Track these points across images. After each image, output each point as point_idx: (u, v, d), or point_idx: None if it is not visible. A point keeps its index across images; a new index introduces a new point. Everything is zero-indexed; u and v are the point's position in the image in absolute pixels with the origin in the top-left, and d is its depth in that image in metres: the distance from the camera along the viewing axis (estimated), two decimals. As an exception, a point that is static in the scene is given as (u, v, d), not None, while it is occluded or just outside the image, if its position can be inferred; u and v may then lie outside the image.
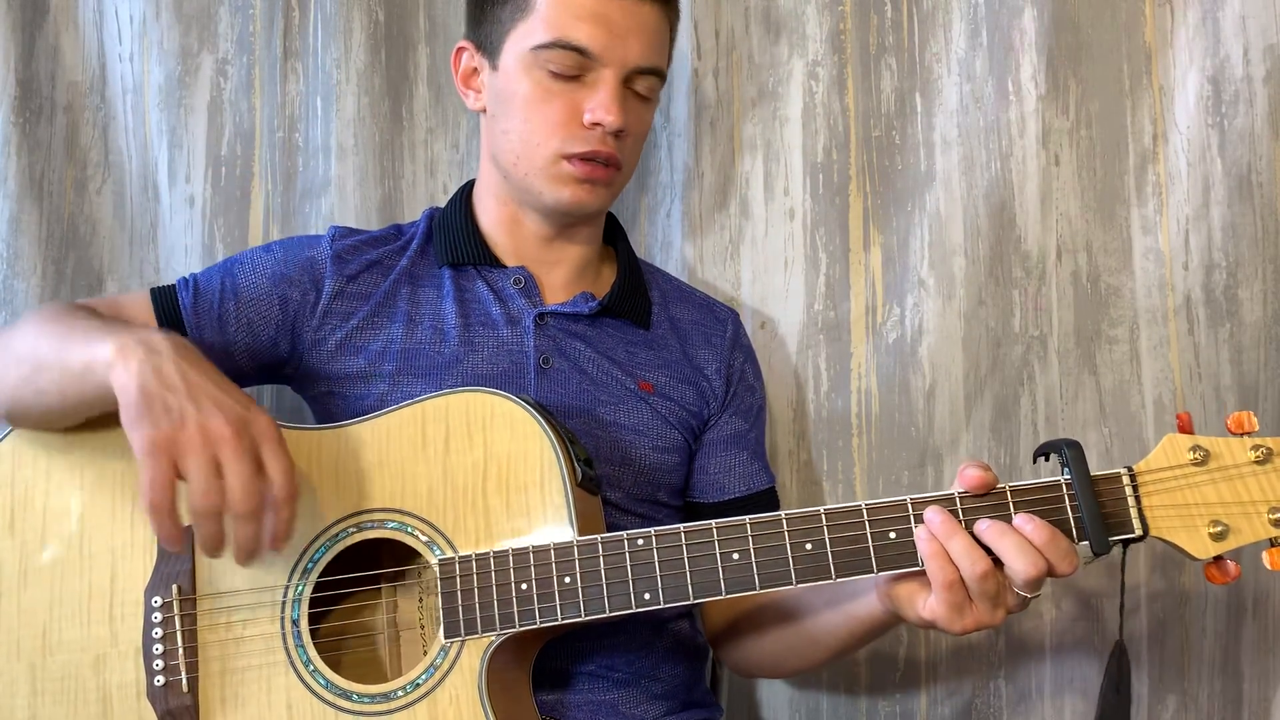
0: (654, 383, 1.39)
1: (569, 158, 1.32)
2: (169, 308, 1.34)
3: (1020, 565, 1.07)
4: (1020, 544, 1.08)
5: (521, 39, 1.33)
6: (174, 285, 1.37)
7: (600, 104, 1.30)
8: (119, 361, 1.08)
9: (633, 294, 1.43)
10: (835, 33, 1.62)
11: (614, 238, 1.49)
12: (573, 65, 1.31)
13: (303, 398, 1.41)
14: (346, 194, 1.64)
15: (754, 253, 1.63)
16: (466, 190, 1.46)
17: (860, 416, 1.59)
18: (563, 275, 1.41)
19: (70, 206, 1.64)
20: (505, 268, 1.39)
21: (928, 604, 1.10)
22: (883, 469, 1.58)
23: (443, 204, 1.48)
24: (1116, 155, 1.58)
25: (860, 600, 1.21)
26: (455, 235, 1.41)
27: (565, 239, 1.41)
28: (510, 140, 1.35)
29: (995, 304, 1.57)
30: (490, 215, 1.42)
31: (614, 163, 1.33)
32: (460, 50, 1.41)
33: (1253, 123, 1.54)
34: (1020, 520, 1.09)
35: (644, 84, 1.34)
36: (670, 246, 1.65)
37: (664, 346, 1.42)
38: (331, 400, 1.35)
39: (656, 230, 1.66)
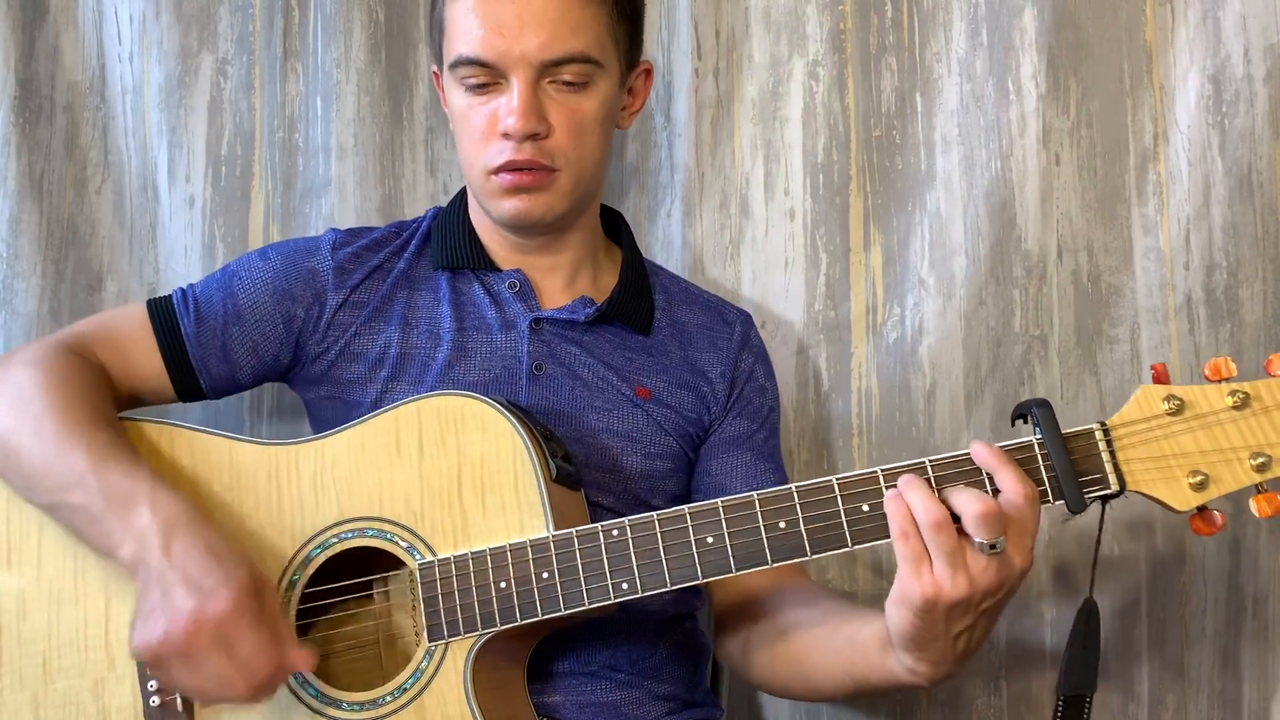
0: (651, 389, 1.37)
1: (494, 171, 1.30)
2: (168, 329, 1.33)
3: (968, 503, 1.04)
4: (968, 488, 1.06)
5: (446, 61, 1.32)
6: (170, 299, 1.35)
7: (506, 110, 1.28)
8: (134, 571, 1.12)
9: (634, 299, 1.40)
10: (835, 33, 1.62)
11: (619, 236, 1.47)
12: (482, 76, 1.29)
13: (301, 398, 1.41)
14: (347, 194, 1.64)
15: (754, 253, 1.63)
16: (465, 192, 1.45)
17: (860, 416, 1.59)
18: (559, 279, 1.40)
19: (70, 206, 1.64)
20: (500, 271, 1.38)
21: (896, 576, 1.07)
22: (883, 469, 1.57)
23: (444, 204, 1.47)
24: (1117, 155, 1.57)
25: (872, 627, 1.18)
26: (452, 238, 1.39)
27: (555, 244, 1.39)
28: (461, 161, 1.36)
29: (995, 304, 1.57)
30: (481, 223, 1.41)
31: (537, 167, 1.29)
32: (436, 75, 1.41)
33: (1253, 122, 1.54)
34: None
35: (569, 72, 1.29)
36: (670, 246, 1.65)
37: (664, 352, 1.40)
38: (330, 405, 1.35)
39: (656, 230, 1.66)
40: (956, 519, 1.05)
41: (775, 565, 1.12)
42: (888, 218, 1.60)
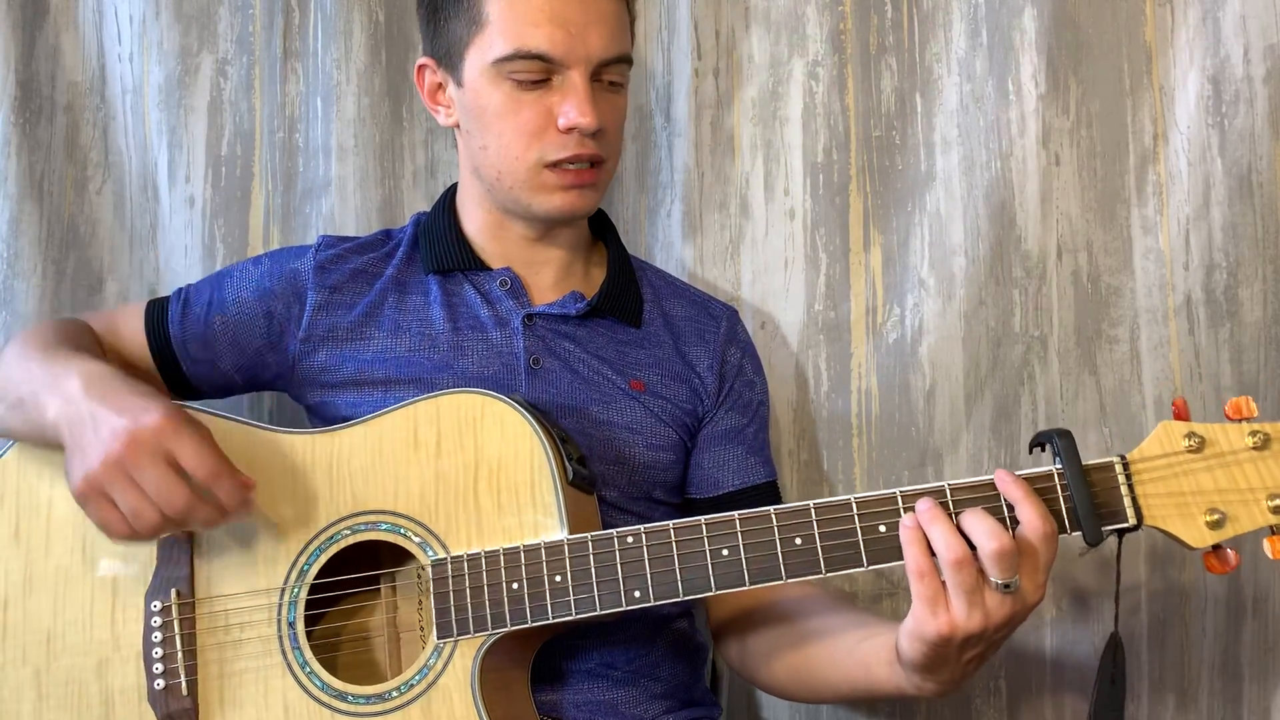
0: (645, 381, 1.38)
1: (551, 166, 1.31)
2: (158, 323, 1.37)
3: (984, 538, 1.04)
4: (987, 519, 1.05)
5: (481, 52, 1.31)
6: (167, 297, 1.40)
7: (573, 107, 1.28)
8: (59, 436, 1.15)
9: (623, 293, 1.42)
10: (835, 33, 1.62)
11: (604, 234, 1.49)
12: (537, 71, 1.29)
13: (300, 404, 1.42)
14: (347, 195, 1.64)
15: (754, 253, 1.63)
16: (450, 195, 1.45)
17: (860, 416, 1.59)
18: (550, 276, 1.41)
19: (70, 206, 1.64)
20: (491, 270, 1.39)
21: (910, 611, 1.08)
22: (883, 469, 1.57)
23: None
24: (1117, 155, 1.57)
25: (876, 640, 1.18)
26: (440, 242, 1.40)
27: (549, 241, 1.40)
28: (489, 155, 1.34)
29: (995, 304, 1.57)
30: (474, 221, 1.41)
31: (597, 161, 1.32)
32: (421, 68, 1.40)
33: (1253, 122, 1.54)
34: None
35: (614, 73, 1.32)
36: (670, 246, 1.65)
37: (656, 344, 1.41)
38: (326, 409, 1.36)
39: (656, 230, 1.66)
40: (972, 545, 1.05)
41: (788, 581, 1.12)
42: (887, 218, 1.61)
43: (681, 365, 1.41)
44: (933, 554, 1.06)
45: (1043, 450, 1.14)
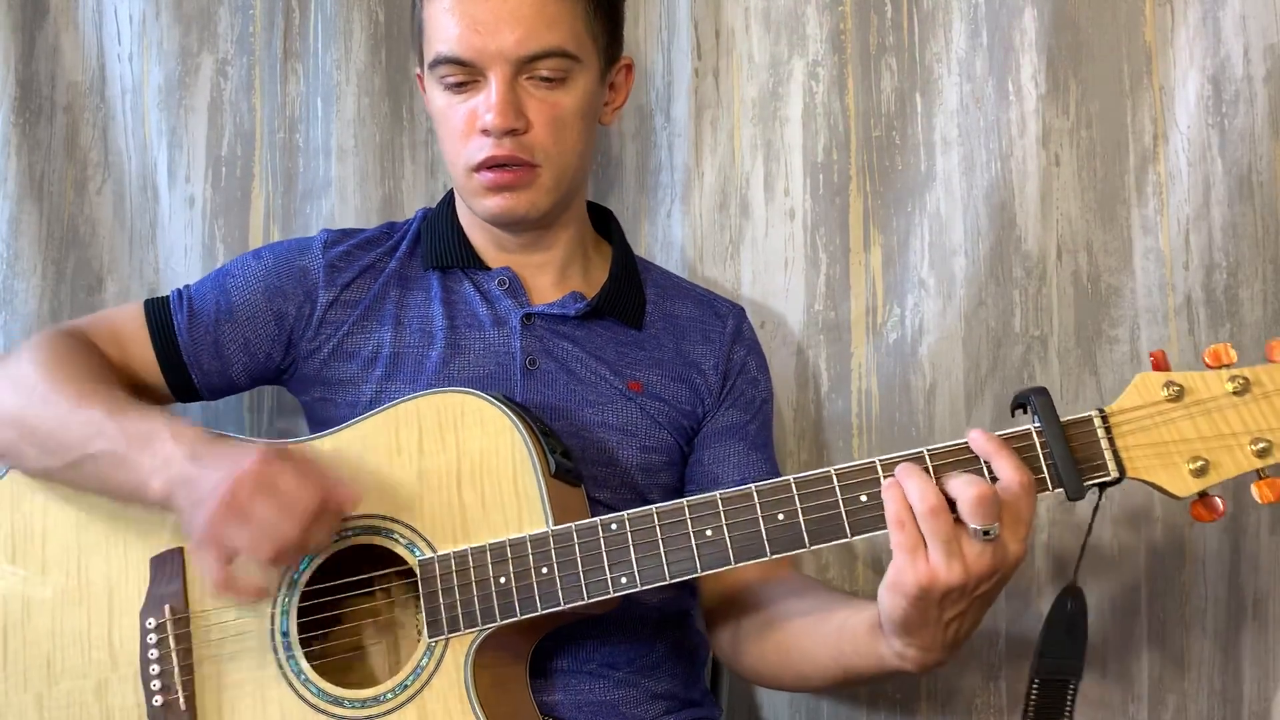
0: (644, 382, 1.37)
1: (475, 169, 1.31)
2: (163, 325, 1.35)
3: (964, 487, 1.03)
4: (966, 471, 1.05)
5: (426, 61, 1.34)
6: (167, 299, 1.37)
7: (484, 107, 1.29)
8: (167, 498, 1.16)
9: (624, 293, 1.41)
10: (835, 33, 1.62)
11: (610, 233, 1.48)
12: (459, 74, 1.30)
13: (298, 399, 1.42)
14: (347, 195, 1.64)
15: (754, 253, 1.63)
16: (453, 192, 1.45)
17: (860, 416, 1.59)
18: (549, 276, 1.41)
19: (70, 206, 1.64)
20: (490, 269, 1.39)
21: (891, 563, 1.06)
22: (883, 469, 1.57)
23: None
24: (1117, 155, 1.57)
25: (862, 614, 1.17)
26: (441, 238, 1.40)
27: (543, 241, 1.40)
28: (445, 159, 1.37)
29: (995, 304, 1.57)
30: (468, 222, 1.42)
31: (518, 163, 1.30)
32: (419, 77, 1.41)
33: (1253, 122, 1.54)
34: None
35: (546, 68, 1.29)
36: (670, 246, 1.65)
37: (657, 345, 1.41)
38: (325, 405, 1.36)
39: (656, 230, 1.66)
40: (952, 505, 1.04)
41: (774, 557, 1.12)
42: (888, 218, 1.61)
43: (683, 366, 1.41)
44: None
45: (1024, 412, 1.13)
